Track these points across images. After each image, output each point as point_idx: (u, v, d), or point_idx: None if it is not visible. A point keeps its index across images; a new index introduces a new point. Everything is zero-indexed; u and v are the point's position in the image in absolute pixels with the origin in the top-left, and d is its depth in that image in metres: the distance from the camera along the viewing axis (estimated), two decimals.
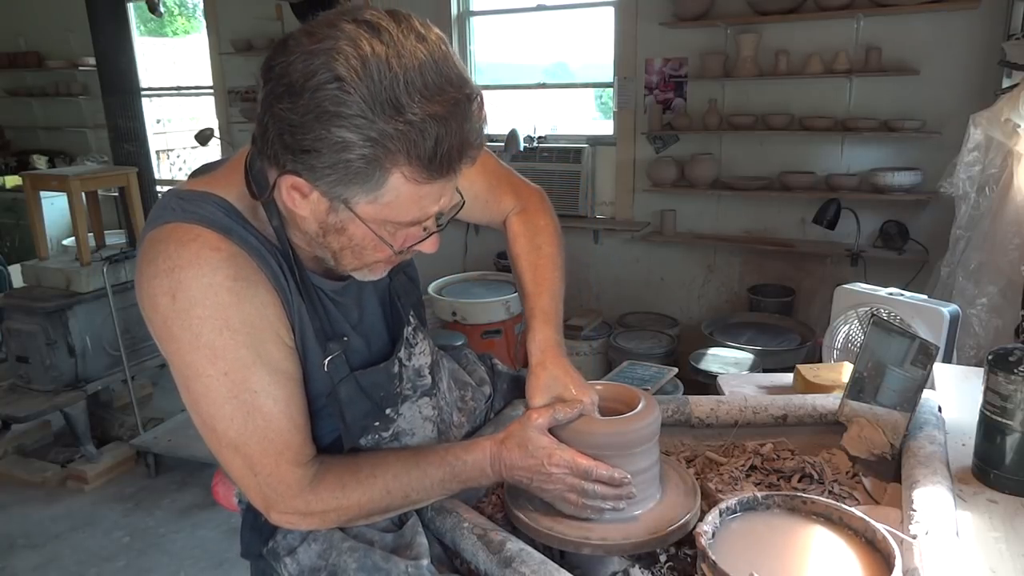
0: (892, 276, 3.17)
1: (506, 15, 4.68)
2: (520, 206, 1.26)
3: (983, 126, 2.58)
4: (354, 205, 0.84)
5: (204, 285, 0.85)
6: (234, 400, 0.89)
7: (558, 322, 1.13)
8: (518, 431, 0.98)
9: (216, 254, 0.86)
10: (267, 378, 0.90)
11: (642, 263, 4.30)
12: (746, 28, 3.69)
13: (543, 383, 1.03)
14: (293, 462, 0.93)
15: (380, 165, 0.79)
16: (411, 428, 1.08)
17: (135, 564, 2.75)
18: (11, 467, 3.39)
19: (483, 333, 3.69)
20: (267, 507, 0.94)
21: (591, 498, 0.95)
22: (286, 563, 1.00)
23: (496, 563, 0.89)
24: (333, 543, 0.97)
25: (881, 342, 1.20)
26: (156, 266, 0.86)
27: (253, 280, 0.89)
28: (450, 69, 0.80)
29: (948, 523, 0.92)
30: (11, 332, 3.33)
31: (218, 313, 0.86)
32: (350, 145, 0.78)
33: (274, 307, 0.92)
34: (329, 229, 0.88)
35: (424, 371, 1.10)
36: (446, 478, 0.98)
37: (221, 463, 0.94)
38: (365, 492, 0.95)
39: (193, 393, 0.90)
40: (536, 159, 4.34)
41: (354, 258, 0.92)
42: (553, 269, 1.19)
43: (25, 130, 6.23)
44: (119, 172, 3.59)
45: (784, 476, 1.14)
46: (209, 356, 0.87)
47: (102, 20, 3.62)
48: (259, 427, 0.90)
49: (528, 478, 0.97)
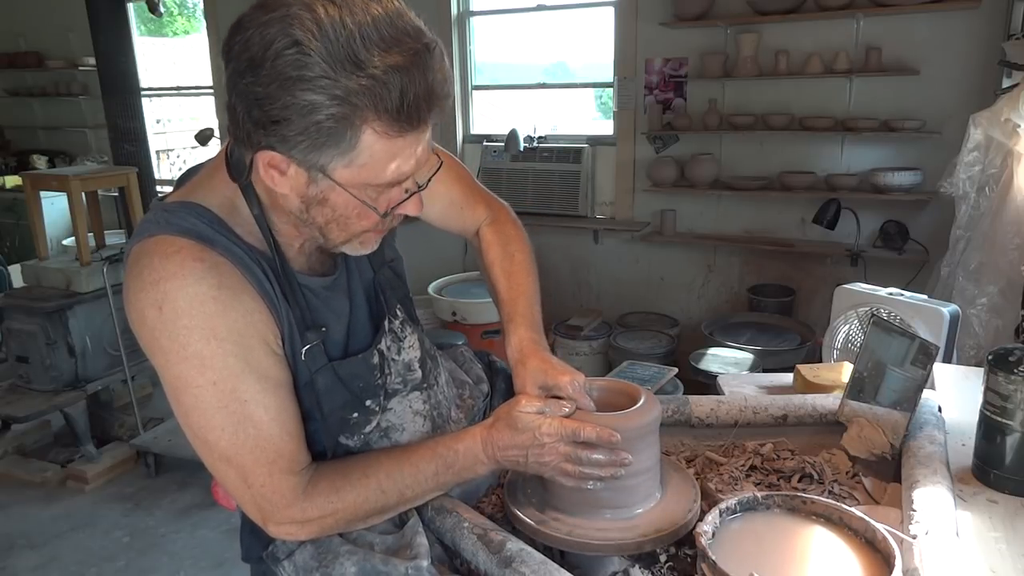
0: (892, 276, 3.16)
1: (506, 15, 4.68)
2: (492, 216, 1.29)
3: (983, 126, 2.59)
4: (332, 172, 0.84)
5: (190, 296, 0.85)
6: (224, 410, 0.89)
7: (536, 324, 1.13)
8: (506, 413, 0.97)
9: (199, 264, 0.87)
10: (256, 386, 0.90)
11: (642, 263, 4.30)
12: (746, 28, 3.69)
13: (530, 375, 1.02)
14: (287, 470, 0.92)
15: (350, 123, 0.80)
16: (401, 423, 1.08)
17: (135, 564, 2.75)
18: (11, 467, 3.39)
19: (483, 333, 3.69)
20: (264, 519, 0.94)
21: (586, 465, 0.93)
22: (284, 566, 1.00)
23: (496, 563, 0.89)
24: (331, 546, 0.97)
25: (881, 342, 1.20)
26: (142, 279, 0.87)
27: (237, 289, 0.89)
28: (405, 22, 0.81)
29: (948, 523, 0.92)
30: (11, 332, 3.33)
31: (204, 323, 0.86)
32: (317, 107, 0.78)
33: (260, 313, 0.92)
34: (311, 202, 0.88)
35: (414, 365, 1.10)
36: (440, 470, 0.97)
37: (216, 477, 0.94)
38: (360, 493, 0.95)
39: (183, 406, 0.90)
40: (536, 159, 4.34)
41: (341, 230, 0.92)
42: (527, 275, 1.20)
43: (25, 130, 6.23)
44: (119, 172, 3.59)
45: (784, 476, 1.14)
46: (197, 366, 0.87)
47: (102, 20, 3.62)
48: (250, 436, 0.90)
49: (522, 456, 0.95)
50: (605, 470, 0.94)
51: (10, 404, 3.27)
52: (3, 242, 5.88)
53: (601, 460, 0.93)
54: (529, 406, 0.96)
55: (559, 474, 0.95)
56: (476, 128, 4.72)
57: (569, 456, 0.93)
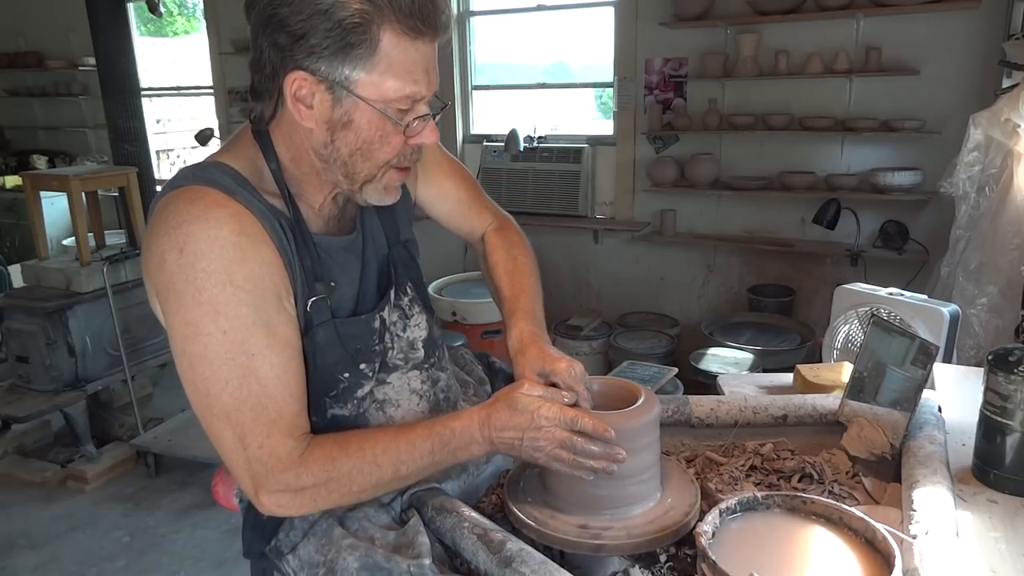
0: (892, 276, 3.16)
1: (506, 15, 4.68)
2: (497, 224, 1.33)
3: (983, 126, 2.58)
4: (355, 85, 0.91)
5: (210, 238, 0.89)
6: (231, 362, 0.90)
7: (537, 319, 1.15)
8: (507, 395, 0.97)
9: (223, 210, 0.91)
10: (265, 340, 0.92)
11: (642, 263, 4.30)
12: (746, 28, 3.69)
13: (528, 362, 1.03)
14: (285, 433, 0.93)
15: (370, 24, 0.88)
16: (397, 398, 1.09)
17: (135, 564, 2.76)
18: (11, 467, 3.39)
19: (483, 333, 3.69)
20: (256, 487, 0.93)
21: (581, 454, 0.93)
22: (288, 560, 1.00)
23: (496, 563, 0.89)
24: (333, 539, 0.97)
25: (881, 342, 1.20)
26: (166, 224, 0.90)
27: (257, 239, 0.93)
28: None
29: (948, 523, 0.92)
30: (11, 332, 3.33)
31: (222, 268, 0.89)
32: (341, 4, 0.86)
33: (276, 267, 0.95)
34: (336, 126, 0.93)
35: (418, 344, 1.12)
36: (435, 448, 0.97)
37: (212, 439, 0.94)
38: (355, 464, 0.94)
39: (189, 356, 0.90)
40: (536, 159, 4.34)
41: (365, 160, 0.96)
42: (529, 276, 1.24)
43: (25, 130, 6.23)
44: (119, 172, 3.59)
45: (784, 476, 1.14)
46: (211, 312, 0.89)
47: (102, 20, 3.62)
48: (254, 392, 0.91)
49: (518, 438, 0.94)
50: (599, 462, 0.93)
51: (10, 404, 3.26)
52: (3, 242, 5.89)
53: (596, 451, 0.93)
54: (531, 390, 0.96)
55: (553, 460, 0.94)
56: (476, 128, 4.72)
57: (565, 443, 0.93)
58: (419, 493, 1.04)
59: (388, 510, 1.04)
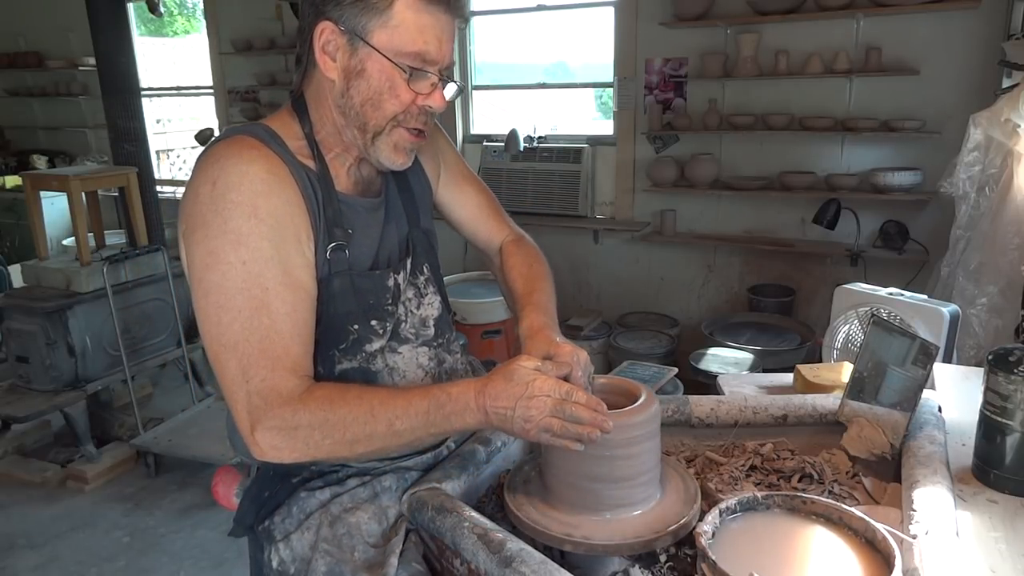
0: (892, 276, 3.16)
1: (506, 15, 4.68)
2: (515, 236, 1.39)
3: (983, 126, 2.58)
4: (369, 35, 0.99)
5: (241, 171, 0.97)
6: (245, 292, 0.94)
7: (549, 313, 1.19)
8: (504, 367, 0.98)
9: (256, 151, 1.00)
10: (280, 278, 0.97)
11: (642, 263, 4.30)
12: (746, 28, 3.69)
13: (536, 348, 1.06)
14: (289, 370, 0.96)
15: None
16: (404, 370, 1.14)
17: (135, 564, 2.76)
18: (11, 467, 3.39)
19: (483, 333, 3.69)
20: (253, 422, 0.94)
21: (570, 420, 0.92)
22: (279, 547, 1.01)
23: (496, 563, 0.89)
24: (320, 538, 1.01)
25: (881, 342, 1.20)
26: (206, 163, 0.99)
27: (285, 180, 1.01)
28: None
29: (948, 523, 0.92)
30: (11, 332, 3.33)
31: (249, 200, 0.96)
32: None
33: (299, 208, 1.01)
34: (351, 74, 1.02)
35: (429, 323, 1.18)
36: (431, 408, 0.97)
37: (216, 371, 0.96)
38: (351, 411, 0.95)
39: (206, 285, 0.95)
40: (536, 159, 4.34)
41: (375, 110, 1.03)
42: (544, 280, 1.29)
43: (25, 130, 6.23)
44: (119, 172, 3.59)
45: (784, 476, 1.14)
46: (233, 242, 0.95)
47: (102, 20, 3.62)
48: (263, 325, 0.94)
49: (511, 407, 0.93)
50: (586, 428, 0.92)
51: (10, 404, 3.26)
52: (3, 242, 5.89)
53: (584, 417, 0.92)
54: (529, 363, 0.97)
55: (543, 430, 0.93)
56: (476, 128, 4.72)
57: (555, 410, 0.92)
58: (419, 493, 1.04)
59: (383, 519, 1.06)
